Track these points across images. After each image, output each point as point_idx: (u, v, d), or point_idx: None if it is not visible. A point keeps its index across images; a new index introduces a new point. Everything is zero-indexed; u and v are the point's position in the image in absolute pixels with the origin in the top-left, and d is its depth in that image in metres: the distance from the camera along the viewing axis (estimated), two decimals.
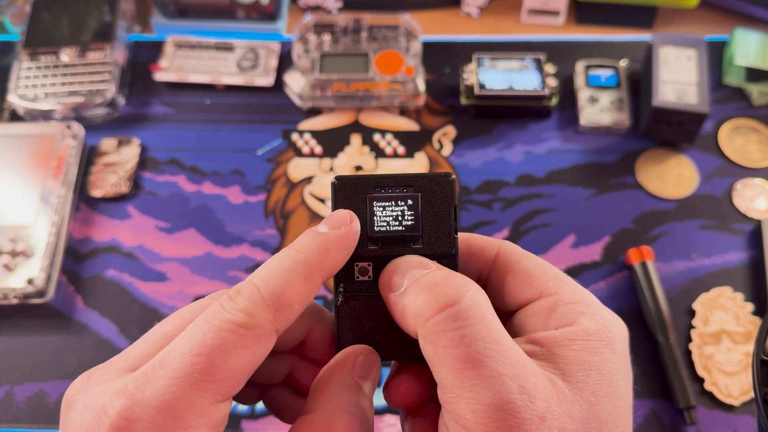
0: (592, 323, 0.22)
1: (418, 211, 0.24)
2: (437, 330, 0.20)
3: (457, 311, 0.20)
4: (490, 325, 0.20)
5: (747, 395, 0.47)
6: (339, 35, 0.63)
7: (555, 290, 0.23)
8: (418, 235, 0.24)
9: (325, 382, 0.23)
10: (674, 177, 0.57)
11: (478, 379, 0.19)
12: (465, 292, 0.20)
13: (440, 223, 0.24)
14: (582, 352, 0.21)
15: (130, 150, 0.59)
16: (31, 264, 0.52)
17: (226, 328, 0.20)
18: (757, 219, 0.55)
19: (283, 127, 0.61)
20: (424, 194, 0.24)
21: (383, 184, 0.24)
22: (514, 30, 0.69)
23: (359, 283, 0.24)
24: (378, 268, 0.24)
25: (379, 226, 0.24)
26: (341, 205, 0.24)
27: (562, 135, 0.60)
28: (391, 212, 0.24)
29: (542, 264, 0.24)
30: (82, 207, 0.57)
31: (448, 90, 0.63)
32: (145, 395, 0.19)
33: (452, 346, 0.19)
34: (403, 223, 0.24)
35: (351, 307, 0.24)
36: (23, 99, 0.60)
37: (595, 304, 0.23)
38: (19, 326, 0.51)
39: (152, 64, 0.64)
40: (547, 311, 0.23)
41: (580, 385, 0.20)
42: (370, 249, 0.24)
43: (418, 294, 0.21)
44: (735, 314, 0.50)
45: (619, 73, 0.62)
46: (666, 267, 0.53)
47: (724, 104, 0.61)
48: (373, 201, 0.24)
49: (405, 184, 0.24)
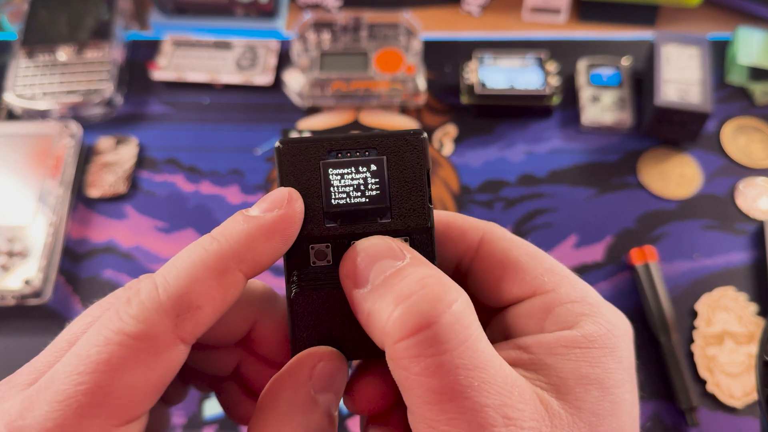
0: (595, 327, 0.19)
1: (384, 179, 0.20)
2: (409, 355, 0.16)
3: (434, 334, 0.16)
4: (473, 346, 0.17)
5: (750, 396, 0.47)
6: (338, 33, 0.62)
7: (552, 286, 0.20)
8: (385, 207, 0.20)
9: (272, 399, 0.19)
10: (677, 177, 0.57)
11: (456, 413, 0.16)
12: (445, 309, 0.17)
13: (411, 191, 0.20)
14: (581, 363, 0.18)
15: (128, 149, 0.59)
16: (28, 264, 0.51)
17: (115, 340, 0.16)
18: (760, 219, 0.54)
19: (282, 126, 0.61)
20: (390, 157, 0.20)
21: (340, 147, 0.20)
22: (515, 28, 0.69)
23: (316, 269, 0.20)
24: (339, 250, 0.20)
25: (338, 198, 0.20)
26: (287, 175, 0.20)
27: (564, 134, 0.60)
28: (351, 181, 0.20)
29: (535, 253, 0.21)
30: (80, 207, 0.56)
31: (449, 89, 0.62)
32: (26, 422, 0.16)
33: (426, 375, 0.16)
34: (367, 194, 0.20)
35: (307, 298, 0.20)
36: (20, 98, 0.60)
37: (597, 302, 0.20)
38: (16, 327, 0.51)
39: (150, 63, 0.63)
40: (543, 312, 0.20)
41: (579, 403, 0.17)
42: (328, 227, 0.20)
43: (387, 303, 0.17)
44: (738, 315, 0.50)
45: (621, 72, 0.61)
46: (668, 267, 0.52)
47: (727, 103, 0.61)
48: (328, 168, 0.20)
49: (366, 145, 0.20)
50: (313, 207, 0.20)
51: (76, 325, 0.20)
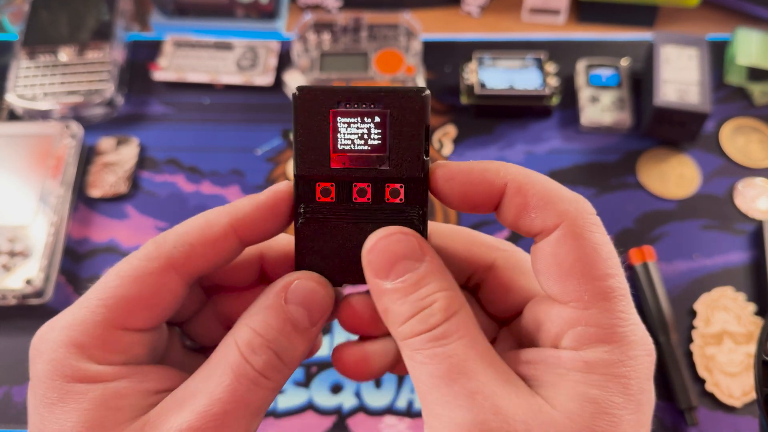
0: (604, 355, 0.19)
1: (385, 130, 0.22)
2: (415, 347, 0.19)
3: (438, 334, 0.19)
4: (468, 343, 0.19)
5: (749, 396, 0.47)
6: (339, 34, 0.63)
7: (587, 305, 0.19)
8: (384, 156, 0.22)
9: (251, 304, 0.22)
10: (676, 177, 0.57)
11: (450, 396, 0.18)
12: (449, 315, 0.19)
13: (409, 143, 0.22)
14: (577, 385, 0.19)
15: (129, 150, 0.59)
16: (29, 264, 0.51)
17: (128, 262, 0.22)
18: (758, 219, 0.54)
19: (282, 127, 0.61)
20: (393, 111, 0.22)
21: (350, 99, 0.22)
22: (514, 29, 0.69)
23: (321, 204, 0.22)
24: (341, 189, 0.22)
25: (343, 144, 0.22)
26: (302, 119, 0.22)
27: (563, 134, 0.60)
28: (356, 129, 0.22)
29: (595, 258, 0.20)
30: (81, 207, 0.57)
31: (449, 89, 0.62)
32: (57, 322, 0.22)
33: (427, 362, 0.19)
34: (369, 142, 0.22)
35: (311, 228, 0.22)
36: (21, 98, 0.60)
37: (625, 332, 0.19)
38: (17, 327, 0.51)
39: (151, 64, 0.64)
40: (567, 324, 0.20)
41: (573, 417, 0.18)
42: (334, 169, 0.22)
43: (403, 309, 0.20)
44: (736, 315, 0.50)
45: (620, 73, 0.61)
46: (667, 267, 0.52)
47: (726, 104, 0.61)
48: (337, 116, 0.22)
49: (373, 99, 0.22)
50: (322, 150, 0.22)
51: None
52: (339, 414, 0.47)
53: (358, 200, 0.22)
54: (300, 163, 0.22)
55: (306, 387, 0.48)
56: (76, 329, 0.20)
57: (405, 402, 0.48)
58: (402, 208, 0.22)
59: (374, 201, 0.22)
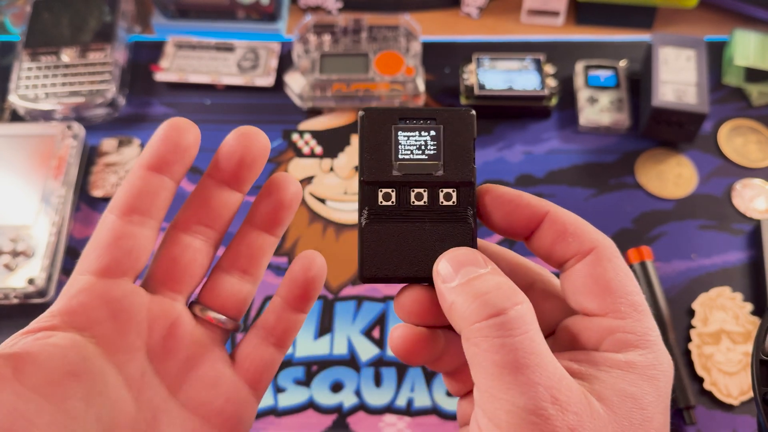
0: (640, 358, 0.22)
1: (440, 142, 0.25)
2: (481, 335, 0.21)
3: (502, 321, 0.21)
4: (532, 338, 0.21)
5: (746, 395, 0.47)
6: (339, 35, 0.63)
7: (623, 315, 0.23)
8: (439, 164, 0.25)
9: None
10: (674, 177, 0.57)
11: (514, 384, 0.20)
12: (513, 305, 0.21)
13: (460, 153, 0.25)
14: (618, 380, 0.22)
15: (131, 150, 0.59)
16: (31, 264, 0.52)
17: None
18: (756, 219, 0.55)
19: (283, 128, 0.61)
20: (446, 126, 0.25)
21: (408, 116, 0.25)
22: (513, 30, 0.69)
23: (383, 207, 0.25)
24: (401, 194, 0.25)
25: (403, 154, 0.25)
26: (368, 135, 0.25)
27: (562, 135, 0.60)
28: (415, 141, 0.25)
29: (625, 278, 0.24)
30: (83, 207, 0.57)
31: (448, 90, 0.63)
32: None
33: (493, 351, 0.20)
34: (426, 152, 0.25)
35: (374, 229, 0.25)
36: (24, 99, 0.60)
37: (654, 341, 0.23)
38: (19, 326, 0.51)
39: (152, 65, 0.64)
40: (606, 332, 0.23)
41: (614, 408, 0.21)
42: (394, 175, 0.25)
43: (468, 298, 0.22)
44: (734, 314, 0.50)
45: (618, 74, 0.62)
46: (665, 267, 0.53)
47: (724, 104, 0.61)
48: (398, 131, 0.25)
49: (429, 116, 0.25)
50: (384, 159, 0.25)
51: None
52: (339, 412, 0.48)
53: (416, 203, 0.25)
54: (366, 171, 0.25)
55: (306, 386, 0.48)
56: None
57: (405, 400, 0.48)
58: (455, 209, 0.25)
59: (430, 203, 0.25)
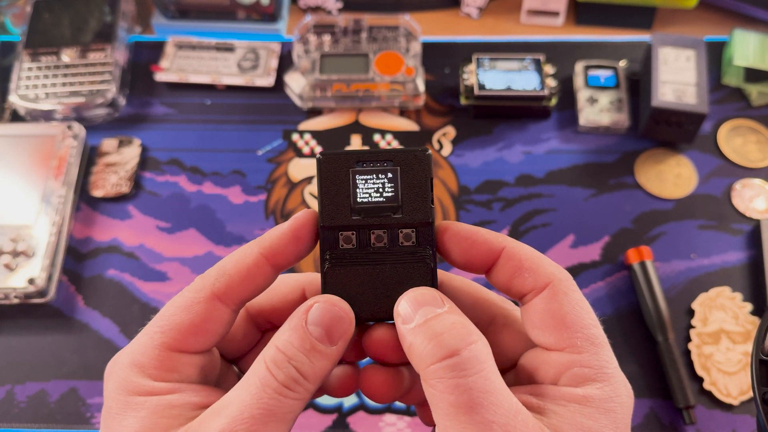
0: (597, 391, 0.23)
1: (397, 184, 0.25)
2: (436, 376, 0.21)
3: (456, 362, 0.21)
4: (486, 376, 0.21)
5: (746, 395, 0.47)
6: (339, 36, 0.63)
7: (580, 350, 0.23)
8: (397, 206, 0.25)
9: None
10: (673, 177, 0.57)
11: (469, 424, 0.20)
12: (467, 344, 0.21)
13: (418, 194, 0.25)
14: (576, 414, 0.22)
15: (131, 150, 0.60)
16: (32, 264, 0.52)
17: (183, 295, 0.24)
18: (755, 219, 0.55)
19: (283, 128, 0.61)
20: (403, 168, 0.25)
21: (365, 159, 0.26)
22: (513, 31, 0.70)
23: (344, 250, 0.25)
24: (361, 237, 0.25)
25: (362, 197, 0.25)
26: (326, 179, 0.25)
27: (562, 135, 0.60)
28: (373, 184, 0.25)
29: (581, 311, 0.24)
30: (83, 207, 0.57)
31: (448, 90, 0.63)
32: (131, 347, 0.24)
33: (448, 392, 0.21)
34: (384, 195, 0.25)
35: (336, 272, 0.25)
36: (24, 99, 0.60)
37: (612, 373, 0.23)
38: (20, 326, 0.52)
39: (153, 65, 0.64)
40: (563, 366, 0.23)
41: None
42: (354, 219, 0.25)
43: (424, 339, 0.22)
44: (734, 314, 0.50)
45: (618, 74, 0.62)
46: (665, 267, 0.53)
47: (723, 104, 0.61)
48: (355, 174, 0.25)
49: (385, 158, 0.26)
50: (343, 203, 0.25)
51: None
52: (339, 412, 0.48)
53: (376, 245, 0.25)
54: (325, 216, 0.25)
55: None
56: (137, 352, 0.23)
57: None
58: (415, 250, 0.25)
59: (390, 245, 0.25)
